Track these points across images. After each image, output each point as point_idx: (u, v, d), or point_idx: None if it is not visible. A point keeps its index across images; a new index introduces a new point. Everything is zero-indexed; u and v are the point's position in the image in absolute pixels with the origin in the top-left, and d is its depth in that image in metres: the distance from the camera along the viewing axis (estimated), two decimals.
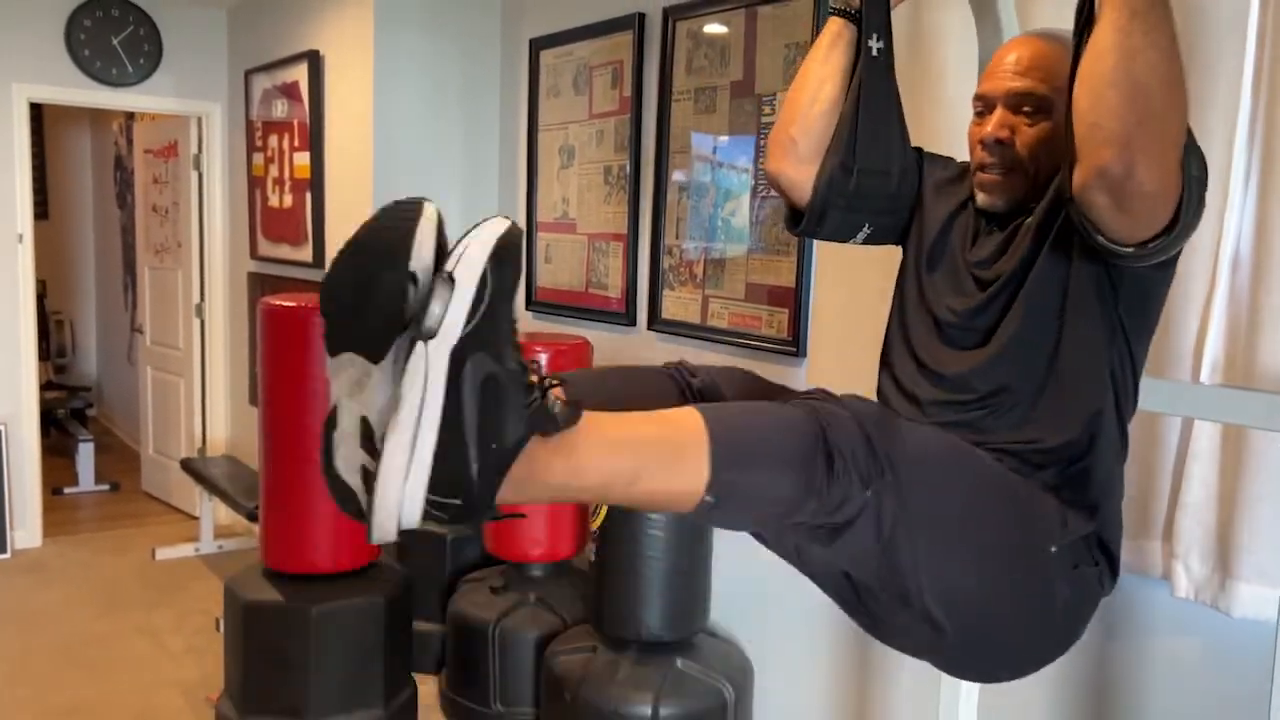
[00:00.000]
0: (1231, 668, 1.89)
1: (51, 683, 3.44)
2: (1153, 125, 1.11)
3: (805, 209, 1.55)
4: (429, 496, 0.97)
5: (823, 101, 1.52)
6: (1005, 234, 1.43)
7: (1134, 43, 1.10)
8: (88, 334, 7.73)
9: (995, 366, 1.39)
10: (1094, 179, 1.15)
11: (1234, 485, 1.83)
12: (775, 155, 1.58)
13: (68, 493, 5.70)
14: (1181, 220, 1.18)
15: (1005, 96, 1.39)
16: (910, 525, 1.18)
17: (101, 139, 7.25)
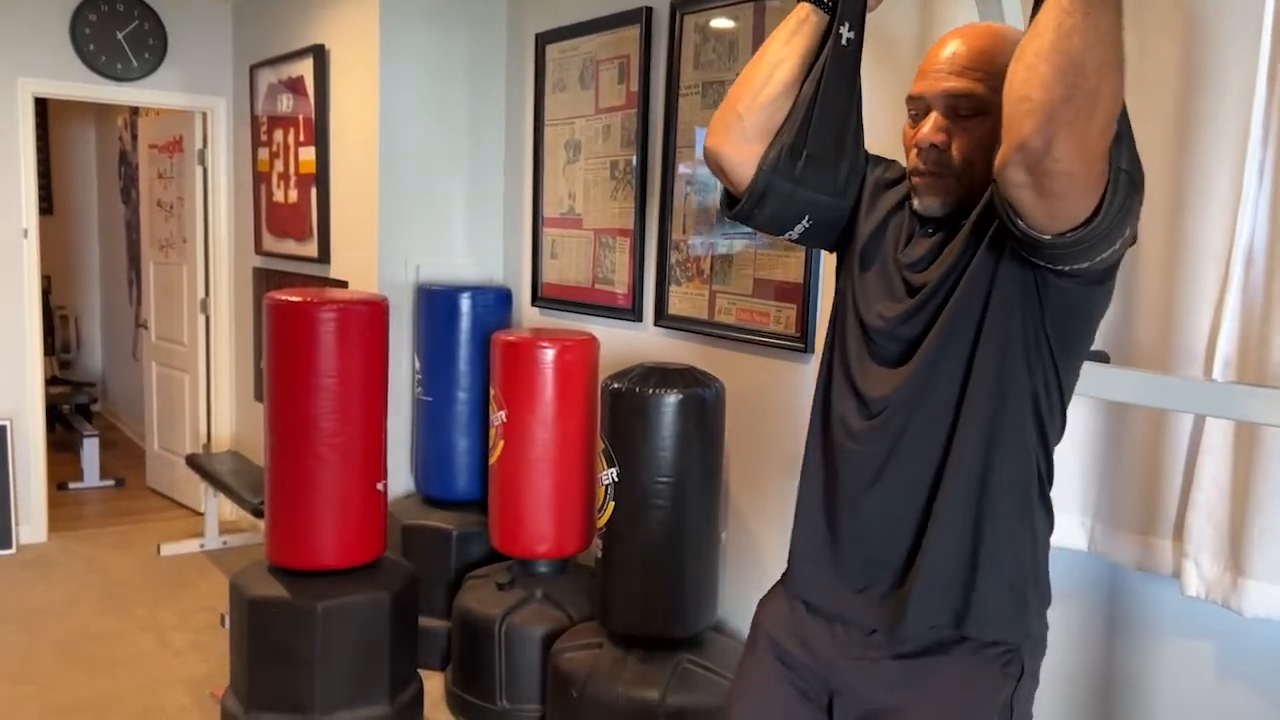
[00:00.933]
0: (1242, 667, 1.88)
1: (56, 679, 3.43)
2: (1079, 102, 1.08)
3: (746, 188, 1.49)
4: None
5: (776, 83, 1.46)
6: (940, 236, 1.40)
7: (1073, 21, 1.08)
8: (92, 329, 7.73)
9: (913, 388, 1.38)
10: (1013, 153, 1.13)
11: (1246, 483, 1.81)
12: (717, 131, 1.50)
13: (73, 488, 5.70)
14: (1104, 211, 1.15)
15: (941, 100, 1.35)
16: None
17: (106, 134, 7.24)
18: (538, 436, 3.09)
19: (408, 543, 3.56)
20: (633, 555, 2.67)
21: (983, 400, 1.35)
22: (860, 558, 1.45)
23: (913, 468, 1.40)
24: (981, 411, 1.35)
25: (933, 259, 1.40)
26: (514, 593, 3.15)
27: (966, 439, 1.36)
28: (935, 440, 1.38)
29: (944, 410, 1.37)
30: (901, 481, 1.41)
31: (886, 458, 1.42)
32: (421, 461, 3.76)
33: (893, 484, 1.42)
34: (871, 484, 1.43)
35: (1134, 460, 1.98)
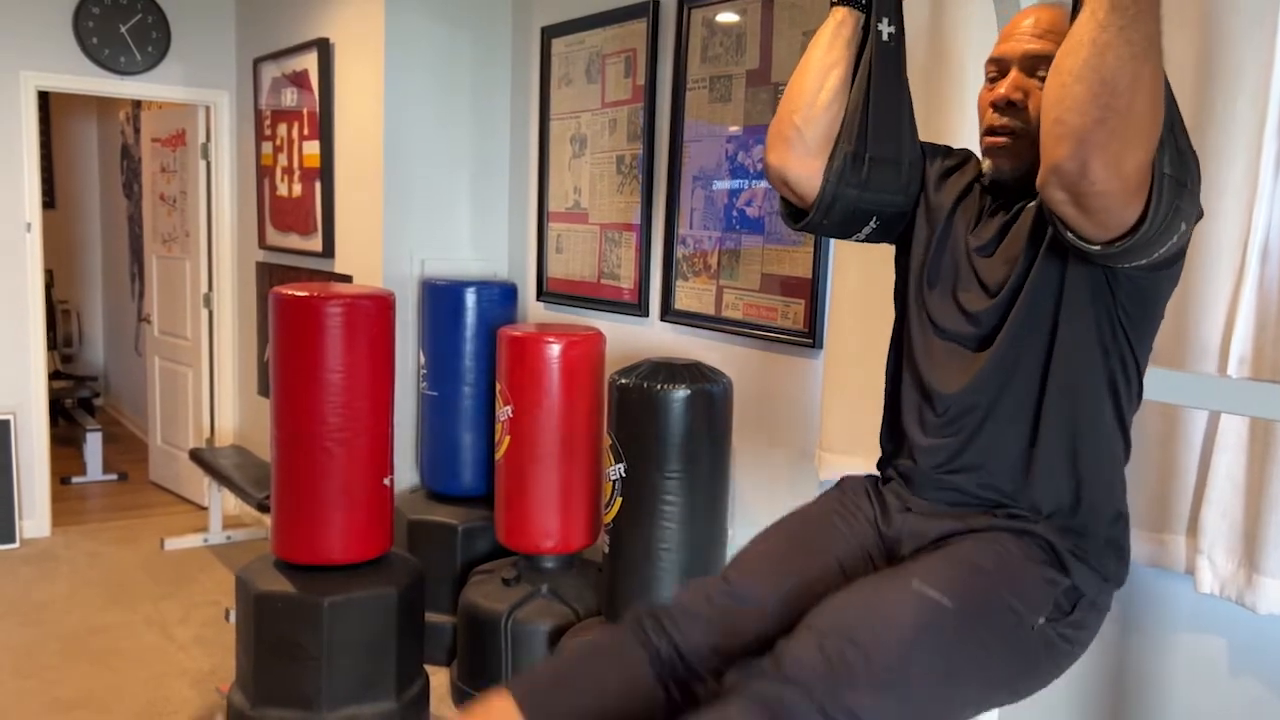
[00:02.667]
0: (1255, 664, 1.87)
1: (60, 673, 3.43)
2: (1113, 123, 1.08)
3: (814, 201, 1.50)
4: None
5: (829, 90, 1.47)
6: (1008, 216, 1.41)
7: (1108, 37, 1.08)
8: (94, 324, 7.72)
9: (992, 376, 1.38)
10: (1050, 176, 1.14)
11: (1261, 480, 1.80)
12: (778, 148, 1.50)
13: (76, 482, 5.70)
14: (1150, 219, 1.15)
15: (1021, 59, 1.37)
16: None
17: (108, 128, 7.23)
18: (544, 431, 3.08)
19: (413, 538, 3.55)
20: (640, 550, 2.67)
21: (1059, 391, 1.35)
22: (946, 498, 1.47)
23: (988, 461, 1.40)
24: (1059, 401, 1.35)
25: (999, 243, 1.40)
26: (520, 588, 3.14)
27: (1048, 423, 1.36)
28: (1010, 433, 1.39)
29: (1018, 403, 1.37)
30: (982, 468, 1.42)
31: (960, 451, 1.43)
32: (427, 456, 3.75)
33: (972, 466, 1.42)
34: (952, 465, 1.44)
35: (1148, 457, 1.97)
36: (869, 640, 1.20)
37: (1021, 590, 1.31)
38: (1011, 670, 1.32)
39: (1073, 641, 1.36)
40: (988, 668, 1.29)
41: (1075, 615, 1.35)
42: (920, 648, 1.22)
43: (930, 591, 1.25)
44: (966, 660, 1.26)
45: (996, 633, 1.28)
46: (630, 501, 2.66)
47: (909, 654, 1.21)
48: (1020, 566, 1.32)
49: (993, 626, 1.28)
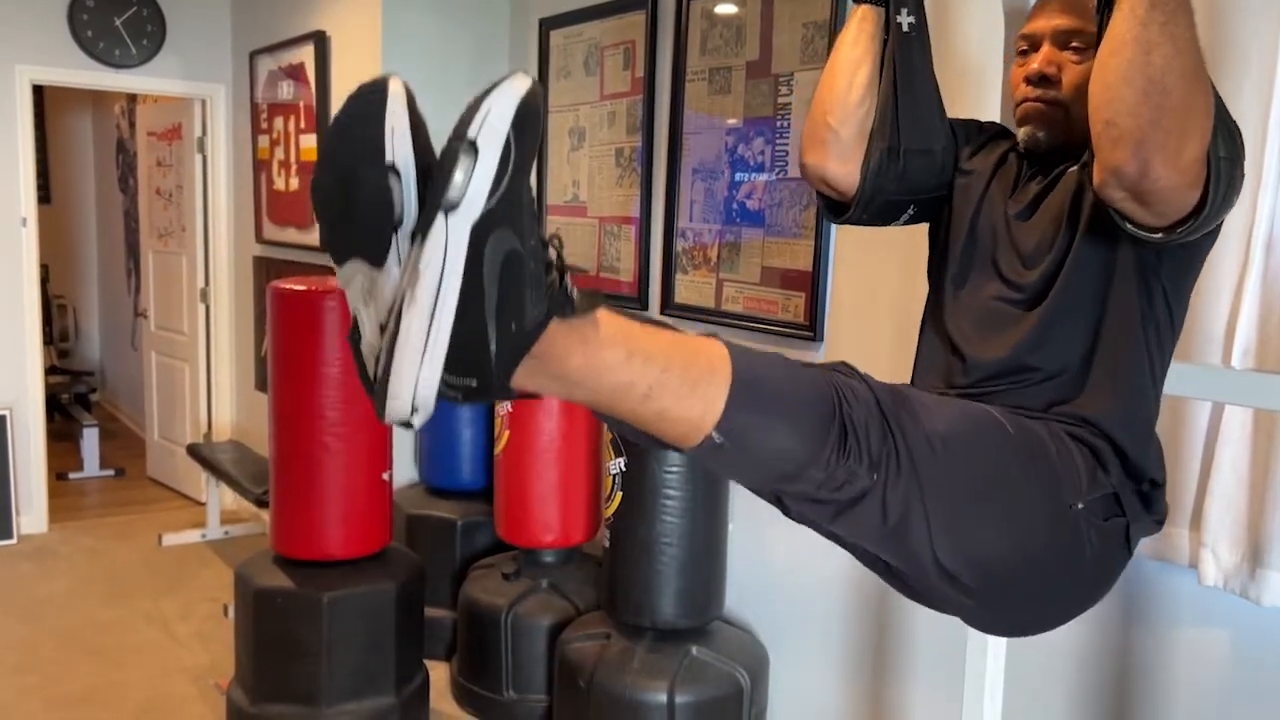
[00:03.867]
0: (1259, 657, 1.86)
1: (60, 670, 3.42)
2: (1168, 122, 1.08)
3: (853, 198, 1.52)
4: (445, 377, 0.90)
5: (859, 87, 1.49)
6: (1046, 181, 1.40)
7: (1150, 35, 1.07)
8: (90, 319, 7.70)
9: (1039, 341, 1.36)
10: (1110, 178, 1.14)
11: (1265, 472, 1.80)
12: (814, 150, 1.53)
13: (73, 478, 5.68)
14: (1210, 202, 1.16)
15: (1053, 34, 1.37)
16: (925, 505, 1.15)
17: (103, 122, 7.20)
18: (543, 426, 3.07)
19: (412, 533, 3.54)
20: (641, 545, 2.66)
21: (1103, 356, 1.34)
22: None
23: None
24: (1100, 368, 1.34)
25: (1035, 209, 1.39)
26: (520, 583, 3.13)
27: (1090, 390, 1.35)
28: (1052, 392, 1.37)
29: (1062, 364, 1.36)
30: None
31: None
32: (426, 451, 3.74)
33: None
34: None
35: None
36: (935, 407, 1.20)
37: (1069, 467, 1.28)
38: (1042, 536, 1.27)
39: (1099, 552, 1.32)
40: (1024, 512, 1.25)
41: (1109, 524, 1.32)
42: (976, 440, 1.21)
43: (995, 412, 1.26)
44: (1008, 485, 1.24)
45: (1039, 485, 1.26)
46: (631, 496, 2.65)
47: (965, 437, 1.20)
48: (1071, 451, 1.30)
49: (1038, 477, 1.26)
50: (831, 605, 2.67)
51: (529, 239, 0.91)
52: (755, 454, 1.08)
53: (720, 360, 1.05)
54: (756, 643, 2.83)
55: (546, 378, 0.97)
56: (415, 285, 0.88)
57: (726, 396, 1.03)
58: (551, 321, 0.93)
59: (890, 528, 1.15)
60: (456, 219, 0.87)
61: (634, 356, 1.00)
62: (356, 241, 0.91)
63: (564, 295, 0.94)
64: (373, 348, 0.93)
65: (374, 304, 0.92)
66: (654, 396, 1.02)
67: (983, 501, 1.22)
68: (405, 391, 0.89)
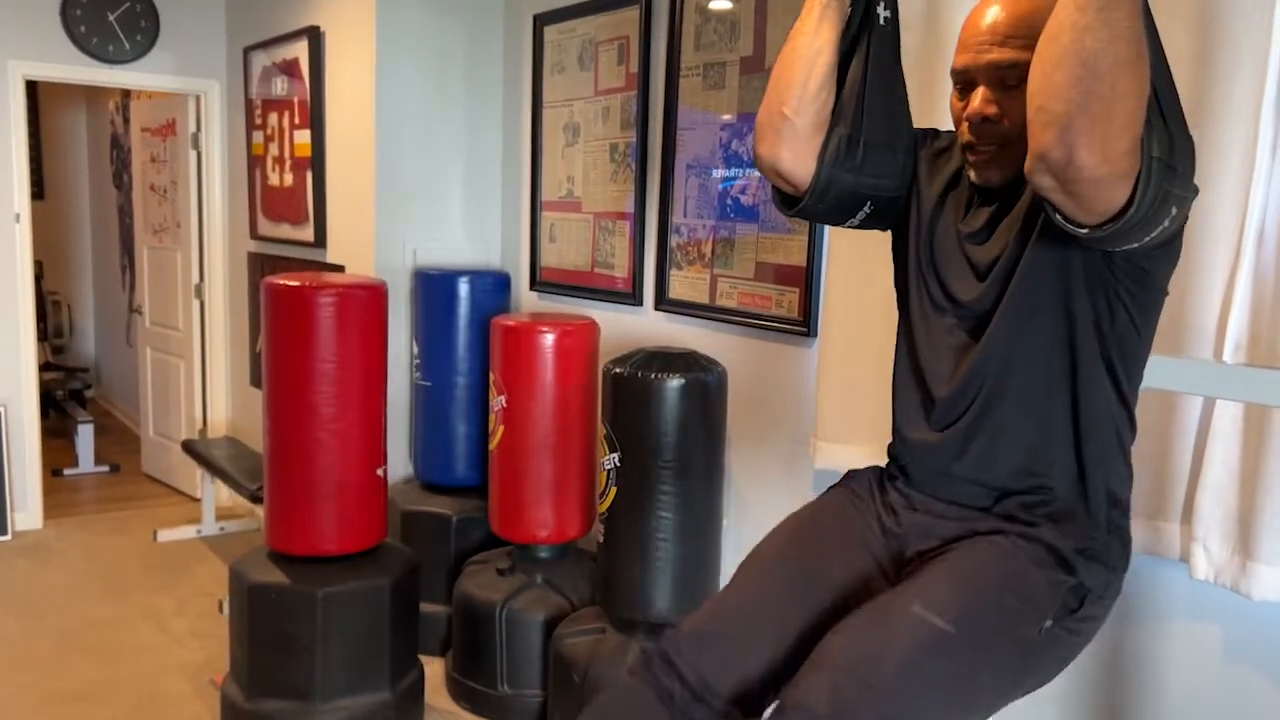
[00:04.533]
0: (1249, 650, 1.87)
1: (55, 667, 3.42)
2: (1096, 107, 1.07)
3: (808, 186, 1.47)
4: None
5: (817, 77, 1.44)
6: (998, 207, 1.40)
7: (1087, 20, 1.07)
8: (85, 315, 7.69)
9: (987, 365, 1.38)
10: (1037, 164, 1.14)
11: (1256, 466, 1.80)
12: (768, 138, 1.47)
13: (68, 474, 5.68)
14: (1137, 202, 1.14)
15: (985, 71, 1.33)
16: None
17: (97, 117, 7.18)
18: (538, 421, 3.08)
19: (407, 528, 3.54)
20: (635, 540, 2.66)
21: (1060, 377, 1.35)
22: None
23: (998, 445, 1.40)
24: (1060, 386, 1.35)
25: (991, 231, 1.39)
26: (515, 578, 3.14)
27: (1051, 410, 1.36)
28: (1019, 417, 1.38)
29: (1024, 381, 1.36)
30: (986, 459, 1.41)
31: (967, 438, 1.42)
32: (420, 447, 3.74)
33: (975, 460, 1.42)
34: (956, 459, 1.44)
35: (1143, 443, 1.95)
36: (874, 676, 1.21)
37: (1028, 596, 1.31)
38: (1020, 673, 1.33)
39: (1083, 633, 1.37)
40: (996, 679, 1.30)
41: (1084, 610, 1.35)
42: (926, 680, 1.23)
43: (933, 619, 1.25)
44: (974, 680, 1.27)
45: (1004, 644, 1.29)
46: (625, 491, 2.66)
47: (916, 688, 1.22)
48: (1025, 572, 1.32)
49: (999, 639, 1.29)
50: None
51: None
52: None
53: None
54: None
55: None
56: None
57: None
58: None
59: None
60: None
61: None
62: None
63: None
64: None
65: None
66: None
67: (961, 711, 1.28)
68: None
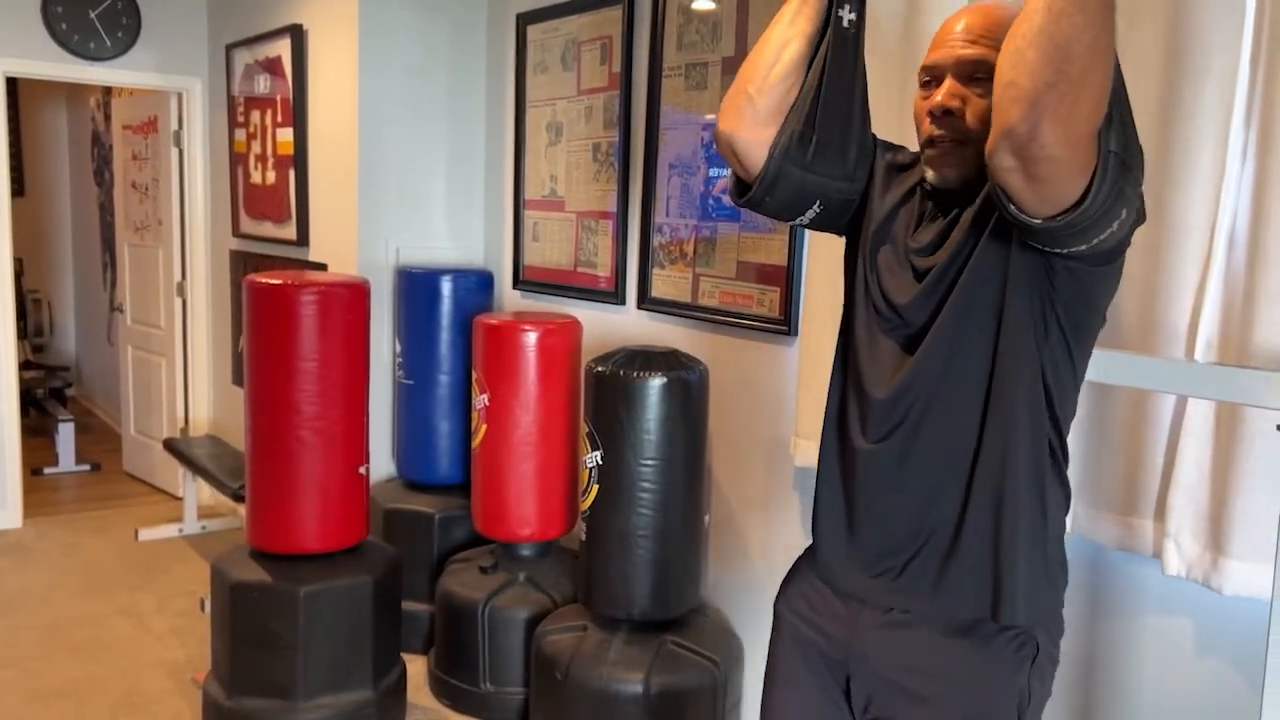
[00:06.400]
0: (1221, 645, 1.90)
1: (37, 664, 3.41)
2: (1064, 88, 1.09)
3: (757, 175, 1.49)
4: None
5: (784, 64, 1.46)
6: (948, 220, 1.41)
7: (1063, 5, 1.09)
8: (65, 313, 7.64)
9: (924, 377, 1.39)
10: (1000, 139, 1.14)
11: (1227, 464, 1.83)
12: (729, 115, 1.49)
13: (48, 473, 5.65)
14: (1092, 195, 1.16)
15: (955, 65, 1.35)
16: None
17: (78, 115, 7.14)
18: (521, 420, 3.09)
19: (389, 527, 3.55)
20: (617, 538, 2.68)
21: (997, 384, 1.35)
22: (877, 547, 1.46)
23: (930, 459, 1.40)
24: (997, 396, 1.35)
25: (940, 243, 1.40)
26: (497, 576, 3.15)
27: (987, 425, 1.37)
28: (952, 430, 1.39)
29: (957, 397, 1.37)
30: (919, 474, 1.41)
31: (904, 452, 1.42)
32: (403, 445, 3.74)
33: (910, 477, 1.42)
34: (890, 479, 1.44)
35: (1116, 441, 1.99)
36: None
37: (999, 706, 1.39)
38: None
39: (1048, 674, 1.44)
40: None
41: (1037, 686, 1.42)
42: None
43: None
44: None
45: None
46: (607, 489, 2.67)
47: None
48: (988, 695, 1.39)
49: None
50: None
51: None
52: None
53: None
54: (731, 633, 2.86)
55: None
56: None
57: None
58: None
59: None
60: None
61: None
62: None
63: None
64: None
65: None
66: None
67: None
68: None
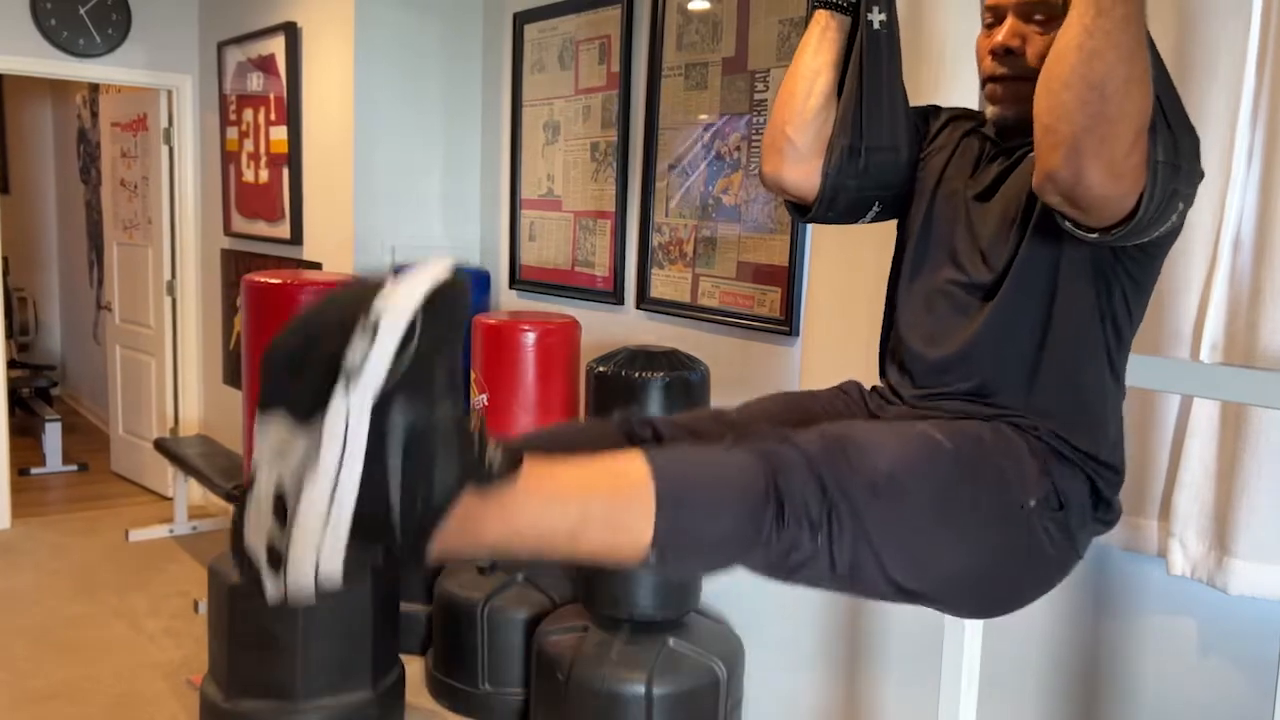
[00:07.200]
0: (1225, 644, 1.91)
1: (29, 666, 3.37)
2: (1103, 129, 1.10)
3: (815, 198, 1.53)
4: (351, 544, 0.91)
5: (818, 95, 1.50)
6: (1008, 162, 1.42)
7: (1095, 43, 1.09)
8: (51, 311, 7.57)
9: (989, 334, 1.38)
10: (1046, 183, 1.17)
11: (1232, 463, 1.84)
12: (771, 157, 1.54)
13: (35, 473, 5.60)
14: (1143, 209, 1.17)
15: (1016, 5, 1.37)
16: (873, 548, 1.18)
17: (64, 111, 7.07)
18: (520, 420, 3.08)
19: None
20: None
21: (1056, 344, 1.35)
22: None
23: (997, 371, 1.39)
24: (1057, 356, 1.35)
25: (997, 187, 1.40)
26: (496, 576, 3.14)
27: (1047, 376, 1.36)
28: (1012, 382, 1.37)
29: (1016, 359, 1.37)
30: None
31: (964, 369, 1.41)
32: None
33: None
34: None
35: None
36: (871, 447, 1.21)
37: (1017, 465, 1.30)
38: (998, 540, 1.29)
39: (1057, 548, 1.34)
40: (976, 524, 1.27)
41: (1064, 516, 1.33)
42: (917, 468, 1.22)
43: (934, 433, 1.27)
44: (957, 503, 1.25)
45: (988, 493, 1.27)
46: None
47: (906, 469, 1.21)
48: (1018, 447, 1.32)
49: (986, 486, 1.27)
50: (805, 596, 2.70)
51: (440, 412, 0.93)
52: (698, 554, 1.13)
53: (641, 481, 1.07)
54: (732, 634, 2.86)
55: (468, 547, 1.00)
56: (318, 458, 0.90)
57: (654, 517, 1.05)
58: (465, 490, 0.95)
59: (842, 575, 1.18)
60: (358, 392, 0.90)
61: (551, 502, 1.03)
62: (295, 391, 0.93)
63: (480, 467, 0.96)
64: (263, 504, 0.94)
65: (281, 462, 0.94)
66: (582, 536, 1.05)
67: (934, 527, 1.24)
68: (307, 565, 0.90)
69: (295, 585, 0.92)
